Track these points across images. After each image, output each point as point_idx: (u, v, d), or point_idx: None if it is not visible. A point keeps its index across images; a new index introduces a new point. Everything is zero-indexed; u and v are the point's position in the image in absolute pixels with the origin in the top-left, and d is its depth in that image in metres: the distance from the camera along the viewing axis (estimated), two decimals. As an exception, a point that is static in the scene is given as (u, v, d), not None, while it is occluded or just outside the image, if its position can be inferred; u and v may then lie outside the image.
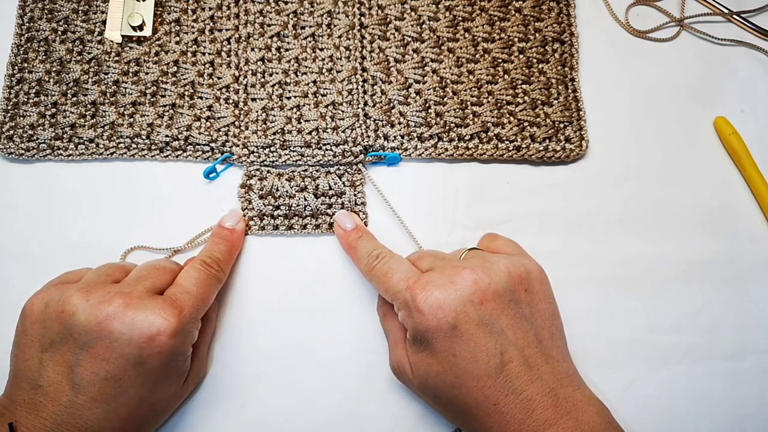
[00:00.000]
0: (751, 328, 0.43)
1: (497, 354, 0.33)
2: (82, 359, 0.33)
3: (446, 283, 0.34)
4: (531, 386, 0.33)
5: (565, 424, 0.32)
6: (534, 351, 0.34)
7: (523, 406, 0.33)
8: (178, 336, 0.34)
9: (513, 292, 0.35)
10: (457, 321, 0.34)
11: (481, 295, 0.34)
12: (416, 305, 0.34)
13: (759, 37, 0.50)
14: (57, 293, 0.35)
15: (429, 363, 0.35)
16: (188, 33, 0.47)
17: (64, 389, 0.33)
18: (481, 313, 0.34)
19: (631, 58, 0.49)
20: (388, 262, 0.38)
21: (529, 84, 0.47)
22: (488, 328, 0.34)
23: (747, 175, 0.46)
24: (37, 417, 0.32)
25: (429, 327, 0.34)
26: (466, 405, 0.34)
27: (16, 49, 0.46)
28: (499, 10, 0.48)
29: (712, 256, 0.45)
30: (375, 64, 0.46)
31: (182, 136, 0.45)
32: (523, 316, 0.35)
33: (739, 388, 0.42)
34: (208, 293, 0.38)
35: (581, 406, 0.34)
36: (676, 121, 0.48)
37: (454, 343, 0.34)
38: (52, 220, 0.44)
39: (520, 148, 0.46)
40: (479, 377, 0.33)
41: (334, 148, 0.44)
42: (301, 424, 0.40)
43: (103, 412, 0.33)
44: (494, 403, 0.33)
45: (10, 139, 0.45)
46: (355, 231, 0.42)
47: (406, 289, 0.35)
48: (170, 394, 0.36)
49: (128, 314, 0.33)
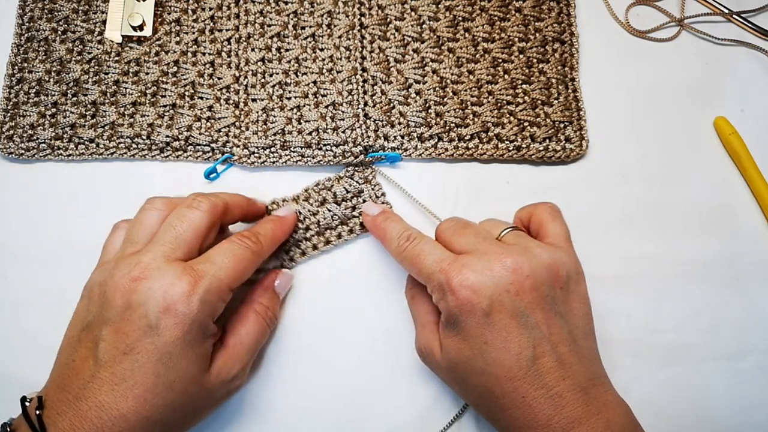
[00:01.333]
0: (751, 328, 0.44)
1: (529, 347, 0.33)
2: (105, 334, 0.33)
3: (483, 269, 0.34)
4: (562, 383, 0.33)
5: (595, 424, 0.32)
6: (567, 349, 0.34)
7: (552, 401, 0.32)
8: (194, 304, 0.33)
9: (550, 288, 0.35)
10: (491, 308, 0.33)
11: (518, 286, 0.34)
12: (451, 288, 0.34)
13: (759, 37, 0.51)
14: (100, 275, 0.35)
15: (460, 347, 0.35)
16: (188, 33, 0.47)
17: (89, 364, 0.33)
18: (517, 304, 0.34)
19: (631, 58, 0.49)
20: (419, 244, 0.37)
21: (530, 84, 0.47)
22: (522, 320, 0.33)
23: (747, 175, 0.46)
24: (63, 392, 0.33)
25: (462, 311, 0.34)
26: (492, 394, 0.34)
27: (16, 49, 0.46)
28: (499, 10, 0.48)
29: (712, 256, 0.45)
30: (375, 64, 0.46)
31: (183, 137, 0.45)
32: (559, 313, 0.35)
33: (739, 388, 0.42)
34: (239, 265, 0.35)
35: (612, 407, 0.33)
36: (676, 121, 0.48)
37: (486, 331, 0.33)
38: (52, 220, 0.44)
39: (520, 148, 0.46)
40: (509, 368, 0.33)
41: (334, 148, 0.44)
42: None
43: (120, 390, 0.32)
44: (522, 395, 0.33)
45: (10, 139, 0.45)
46: (382, 214, 0.42)
47: (440, 272, 0.35)
48: (189, 377, 0.34)
49: (145, 285, 0.33)
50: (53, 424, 0.32)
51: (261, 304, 0.39)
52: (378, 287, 0.43)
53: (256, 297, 0.40)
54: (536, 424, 0.32)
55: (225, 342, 0.37)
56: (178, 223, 0.35)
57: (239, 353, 0.37)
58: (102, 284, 0.35)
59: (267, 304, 0.40)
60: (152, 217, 0.37)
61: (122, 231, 0.38)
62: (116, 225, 0.39)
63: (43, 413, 0.32)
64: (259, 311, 0.39)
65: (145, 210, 0.37)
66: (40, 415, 0.32)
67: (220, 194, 0.38)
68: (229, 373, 0.36)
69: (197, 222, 0.36)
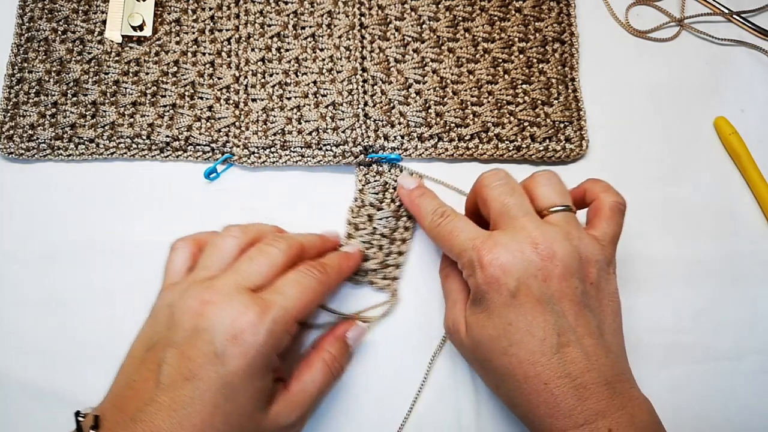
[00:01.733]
0: (751, 328, 0.44)
1: (554, 334, 0.33)
2: (169, 356, 0.32)
3: (515, 249, 0.34)
4: (587, 374, 0.32)
5: (619, 418, 0.32)
6: (594, 342, 0.34)
7: (576, 392, 0.32)
8: (260, 335, 0.32)
9: (581, 281, 0.34)
10: (517, 290, 0.33)
11: (547, 273, 0.33)
12: (481, 264, 0.34)
13: (759, 37, 0.51)
14: (170, 296, 0.35)
15: (484, 325, 0.34)
16: (188, 33, 0.47)
17: (149, 386, 0.32)
18: (544, 290, 0.33)
19: (631, 58, 0.49)
20: (453, 221, 0.37)
21: (530, 84, 0.47)
22: (548, 306, 0.33)
23: (747, 175, 0.46)
24: (119, 412, 0.32)
25: (490, 288, 0.34)
26: (514, 377, 0.33)
27: (16, 49, 0.46)
28: (499, 10, 0.48)
29: (712, 256, 0.45)
30: (375, 64, 0.46)
31: (183, 137, 0.45)
32: (587, 307, 0.34)
33: (739, 388, 0.42)
34: (305, 295, 0.35)
35: (637, 403, 0.33)
36: (676, 121, 0.48)
37: (511, 312, 0.33)
38: (51, 220, 0.44)
39: (521, 148, 0.46)
40: (532, 351, 0.33)
41: (334, 148, 0.44)
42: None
43: (177, 417, 0.31)
44: (545, 381, 0.33)
45: (10, 139, 0.45)
46: (418, 189, 0.42)
47: (472, 249, 0.35)
48: (246, 413, 0.33)
49: (214, 310, 0.32)
50: None
51: (330, 353, 0.39)
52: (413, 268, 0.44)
53: (326, 345, 0.39)
54: (558, 413, 0.32)
55: (289, 387, 0.36)
56: (257, 255, 0.36)
57: (300, 400, 0.36)
58: (171, 305, 0.34)
59: (336, 354, 0.39)
60: (228, 244, 0.37)
61: (182, 251, 0.38)
62: (174, 245, 0.39)
63: (99, 430, 0.32)
64: (327, 360, 0.38)
65: (222, 237, 0.38)
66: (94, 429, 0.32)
67: (296, 236, 0.39)
68: (288, 418, 0.35)
69: (275, 258, 0.36)
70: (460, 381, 0.41)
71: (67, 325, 0.42)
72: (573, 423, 0.32)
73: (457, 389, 0.41)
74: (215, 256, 0.36)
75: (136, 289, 0.42)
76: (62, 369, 0.41)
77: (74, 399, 0.36)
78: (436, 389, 0.41)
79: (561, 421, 0.32)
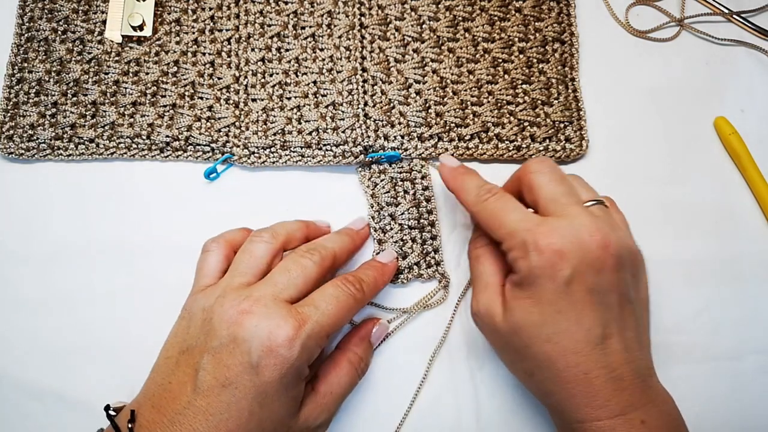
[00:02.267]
0: (751, 328, 0.44)
1: (600, 325, 0.33)
2: (207, 363, 0.33)
3: (572, 237, 0.33)
4: (625, 367, 0.33)
5: (651, 410, 0.33)
6: (633, 335, 0.34)
7: (614, 383, 0.33)
8: (295, 349, 0.33)
9: (628, 272, 0.35)
10: (572, 278, 0.33)
11: (602, 264, 0.33)
12: (538, 247, 0.33)
13: (759, 37, 0.51)
14: (205, 300, 0.36)
15: (530, 311, 0.34)
16: (188, 33, 0.47)
17: (187, 390, 0.33)
18: (597, 280, 0.33)
19: (631, 58, 0.49)
20: (503, 199, 0.37)
21: (530, 84, 0.47)
22: (599, 297, 0.33)
23: (747, 175, 0.46)
24: (158, 413, 0.33)
25: (544, 273, 0.33)
26: (554, 365, 0.33)
27: (16, 49, 0.46)
28: (499, 10, 0.48)
29: (712, 256, 0.45)
30: (375, 64, 0.46)
31: (183, 137, 0.45)
32: (630, 299, 0.35)
33: (739, 388, 0.42)
34: (340, 312, 0.36)
35: (664, 398, 0.34)
36: (676, 121, 0.48)
37: (562, 300, 0.33)
38: (51, 220, 0.44)
39: (521, 148, 0.46)
40: (578, 341, 0.33)
41: (334, 148, 0.44)
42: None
43: (214, 421, 0.32)
44: (585, 372, 0.33)
45: (10, 138, 0.45)
46: (462, 167, 0.41)
47: (526, 230, 0.34)
48: (279, 419, 0.34)
49: (252, 321, 0.33)
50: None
51: (356, 354, 0.39)
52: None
53: (351, 346, 0.39)
54: (594, 402, 0.33)
55: (316, 388, 0.37)
56: (293, 267, 0.36)
57: (329, 402, 0.37)
58: (208, 311, 0.35)
59: (361, 354, 0.40)
60: (261, 249, 0.38)
61: (215, 253, 0.39)
62: (207, 246, 0.39)
63: (134, 427, 0.33)
64: (353, 361, 0.39)
65: (253, 241, 0.38)
66: (132, 429, 0.33)
67: (329, 246, 0.39)
68: (316, 420, 0.36)
69: (309, 271, 0.37)
70: (459, 381, 0.41)
71: (68, 324, 0.42)
72: (609, 413, 0.32)
73: (457, 389, 0.41)
74: (250, 263, 0.37)
75: (136, 289, 0.43)
76: (62, 369, 0.41)
77: (75, 399, 0.36)
78: (435, 389, 0.41)
79: (597, 411, 0.33)
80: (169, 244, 0.43)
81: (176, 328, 0.37)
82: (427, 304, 0.43)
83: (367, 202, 0.44)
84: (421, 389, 0.41)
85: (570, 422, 0.34)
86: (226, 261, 0.39)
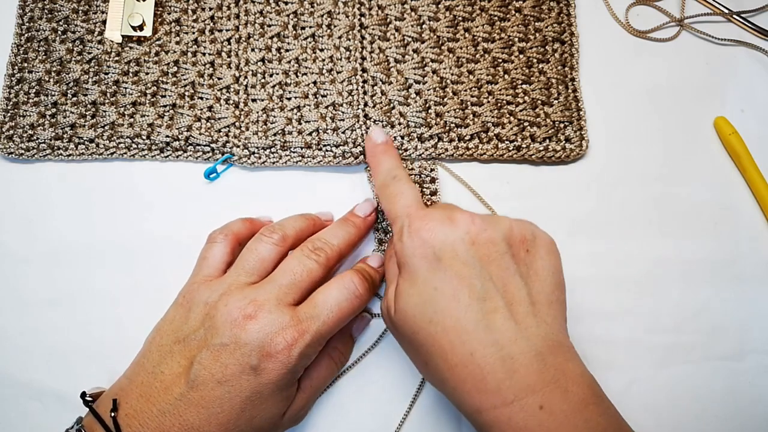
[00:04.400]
0: (751, 328, 0.44)
1: (480, 299, 0.32)
2: (204, 358, 0.34)
3: (444, 218, 0.34)
4: (515, 344, 0.31)
5: (551, 393, 0.30)
6: (524, 310, 0.32)
7: (503, 363, 0.30)
8: (294, 355, 0.34)
9: (510, 246, 0.33)
10: (442, 253, 0.33)
11: (474, 237, 0.33)
12: (410, 229, 0.34)
13: (759, 37, 0.51)
14: (208, 293, 0.36)
15: (410, 293, 0.33)
16: (188, 33, 0.47)
17: (180, 382, 0.33)
18: (471, 253, 0.33)
19: (631, 58, 0.49)
20: (400, 184, 0.38)
21: (530, 84, 0.47)
22: (474, 271, 0.32)
23: (747, 176, 0.46)
24: (147, 402, 0.33)
25: (415, 252, 0.33)
26: (441, 348, 0.32)
27: (16, 49, 0.46)
28: (499, 10, 0.48)
29: (712, 256, 0.45)
30: (375, 64, 0.46)
31: (183, 137, 0.45)
32: (518, 273, 0.33)
33: (739, 388, 0.42)
34: (342, 319, 0.36)
35: (571, 376, 0.31)
36: (676, 121, 0.48)
37: (436, 276, 0.32)
38: (51, 220, 0.44)
39: (521, 148, 0.46)
40: (458, 318, 0.31)
41: (334, 148, 0.44)
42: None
43: (206, 414, 0.33)
44: (471, 352, 0.31)
45: (10, 139, 0.45)
46: (385, 144, 0.42)
47: (406, 215, 0.35)
48: (269, 417, 0.35)
49: (255, 326, 0.34)
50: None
51: (336, 348, 0.40)
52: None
53: (332, 341, 0.39)
54: (485, 387, 0.30)
55: (299, 384, 0.37)
56: (298, 269, 0.37)
57: (309, 395, 0.38)
58: (211, 306, 0.35)
59: (342, 348, 0.40)
60: (269, 251, 0.38)
61: (221, 246, 0.39)
62: (213, 237, 0.40)
63: (118, 415, 0.33)
64: (333, 356, 0.39)
65: (262, 241, 0.38)
66: (115, 418, 0.33)
67: (335, 244, 0.39)
68: (297, 413, 0.38)
69: (315, 274, 0.37)
70: None
71: (68, 324, 0.42)
72: (502, 400, 0.30)
73: None
74: (257, 263, 0.37)
75: (136, 289, 0.43)
76: (62, 368, 0.41)
77: (75, 399, 0.36)
78: (435, 389, 0.41)
79: (489, 398, 0.30)
80: (170, 244, 0.43)
81: (172, 315, 0.37)
82: None
83: (375, 202, 0.44)
84: (421, 389, 0.41)
85: (468, 413, 0.32)
86: (232, 254, 0.39)
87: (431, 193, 0.44)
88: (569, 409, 0.30)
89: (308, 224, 0.41)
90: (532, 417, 0.29)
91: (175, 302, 0.37)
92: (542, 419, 0.29)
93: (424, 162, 0.45)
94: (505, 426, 0.30)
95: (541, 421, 0.29)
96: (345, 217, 0.42)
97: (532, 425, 0.29)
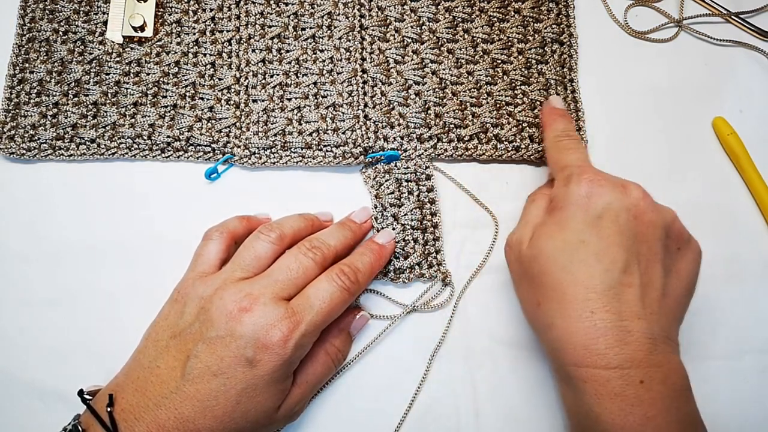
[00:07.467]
0: (751, 328, 0.44)
1: (621, 270, 0.32)
2: (200, 351, 0.34)
3: (617, 184, 0.35)
4: (636, 321, 0.32)
5: (654, 373, 0.31)
6: (654, 296, 0.33)
7: (619, 332, 0.31)
8: (289, 347, 0.34)
9: (667, 237, 0.34)
10: (605, 212, 0.33)
11: (639, 212, 0.34)
12: (580, 179, 0.35)
13: (758, 37, 0.51)
14: (203, 288, 0.36)
15: (554, 236, 0.34)
16: (189, 34, 0.47)
17: (176, 375, 0.34)
18: (630, 225, 0.33)
19: (630, 59, 0.50)
20: (575, 142, 0.39)
21: (529, 85, 0.47)
22: (627, 242, 0.33)
23: (746, 176, 0.46)
24: (142, 396, 0.33)
25: (579, 202, 0.34)
26: (563, 295, 0.33)
27: (18, 50, 0.46)
28: (498, 11, 0.49)
29: (711, 256, 0.45)
30: (375, 65, 0.47)
31: (183, 137, 0.45)
32: (663, 264, 0.34)
33: (738, 388, 0.42)
34: (333, 308, 0.37)
35: (674, 367, 0.32)
36: (675, 122, 0.48)
37: (589, 231, 0.33)
38: (52, 221, 0.44)
39: (520, 149, 0.46)
40: (591, 275, 0.32)
41: (334, 149, 0.45)
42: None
43: (201, 406, 0.33)
44: (592, 310, 0.32)
45: (12, 139, 0.45)
46: (563, 110, 0.43)
47: (578, 167, 0.36)
48: (264, 410, 0.35)
49: (251, 319, 0.34)
50: (130, 428, 0.33)
51: (333, 345, 0.40)
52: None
53: (330, 337, 0.40)
54: (593, 346, 0.31)
55: (295, 379, 0.37)
56: (295, 266, 0.37)
57: (305, 391, 0.38)
58: (207, 300, 0.36)
59: (339, 346, 0.40)
60: (266, 249, 0.38)
61: (217, 243, 0.39)
62: (209, 234, 0.40)
63: (114, 410, 0.33)
64: (330, 353, 0.40)
65: (260, 239, 0.39)
66: (110, 413, 0.33)
67: (331, 244, 0.39)
68: (293, 409, 0.38)
69: (311, 272, 0.37)
70: (459, 381, 0.42)
71: (69, 324, 0.42)
72: (606, 363, 0.31)
73: (457, 389, 0.41)
74: (253, 261, 0.38)
75: (137, 289, 0.43)
76: (63, 368, 0.41)
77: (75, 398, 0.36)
78: (435, 389, 0.41)
79: (594, 357, 0.31)
80: (170, 244, 0.43)
81: (167, 311, 0.37)
82: (428, 303, 0.43)
83: (371, 203, 0.44)
84: (421, 389, 0.41)
85: (565, 364, 0.32)
86: (227, 252, 0.39)
87: (427, 189, 0.44)
88: (666, 392, 0.31)
89: (306, 224, 0.41)
90: (630, 387, 0.31)
91: (170, 298, 0.38)
92: (639, 392, 0.31)
93: (419, 160, 0.45)
94: (600, 387, 0.31)
95: (638, 393, 0.31)
96: (342, 221, 0.43)
97: (628, 393, 0.31)
